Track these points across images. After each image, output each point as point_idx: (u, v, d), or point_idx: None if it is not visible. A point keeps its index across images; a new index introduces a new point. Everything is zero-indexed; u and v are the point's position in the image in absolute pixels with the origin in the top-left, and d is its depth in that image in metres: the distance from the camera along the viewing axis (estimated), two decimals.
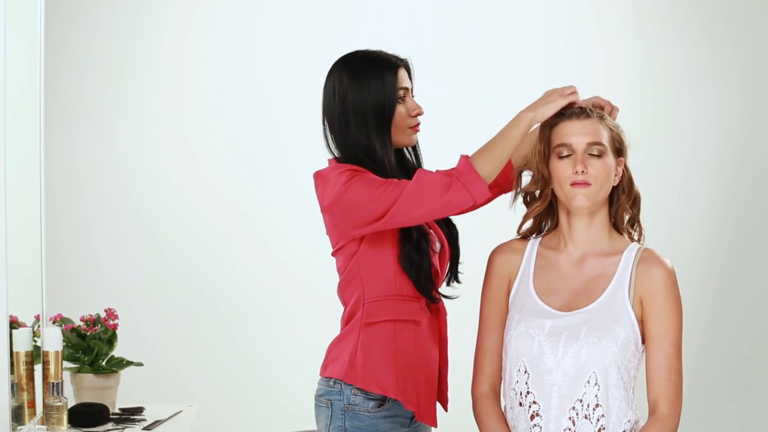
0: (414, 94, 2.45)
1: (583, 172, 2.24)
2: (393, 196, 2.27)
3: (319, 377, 2.44)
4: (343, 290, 2.43)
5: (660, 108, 4.36)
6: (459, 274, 2.49)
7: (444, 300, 2.47)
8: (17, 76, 2.73)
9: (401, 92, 2.39)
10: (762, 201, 4.34)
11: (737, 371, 4.35)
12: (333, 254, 2.45)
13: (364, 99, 2.36)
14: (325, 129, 2.44)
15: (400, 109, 2.39)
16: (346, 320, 2.43)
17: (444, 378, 2.50)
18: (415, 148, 2.50)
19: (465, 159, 2.29)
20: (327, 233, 2.44)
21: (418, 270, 2.36)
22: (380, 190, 2.29)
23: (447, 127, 4.07)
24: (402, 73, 2.41)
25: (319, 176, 2.40)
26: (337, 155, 2.43)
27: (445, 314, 2.49)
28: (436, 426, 2.48)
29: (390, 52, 2.43)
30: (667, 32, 4.35)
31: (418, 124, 2.43)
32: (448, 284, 2.48)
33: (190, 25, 4.24)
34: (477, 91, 4.29)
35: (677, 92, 4.36)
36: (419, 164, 2.50)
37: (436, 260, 2.42)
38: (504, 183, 2.49)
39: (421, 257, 2.36)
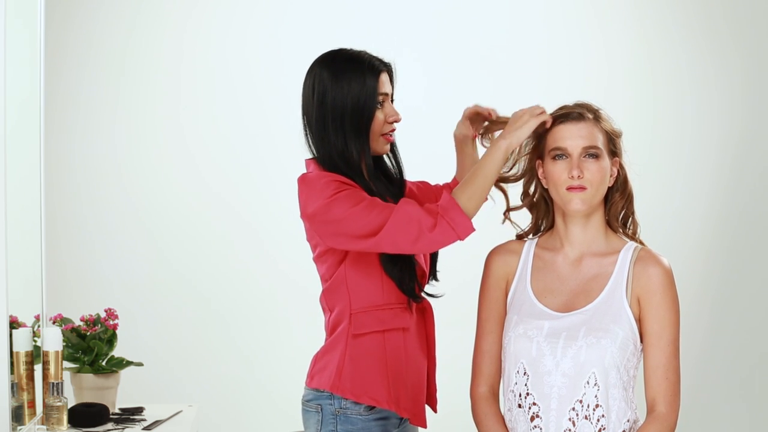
0: (393, 99, 2.40)
1: (579, 176, 2.23)
2: (379, 219, 2.23)
3: (305, 387, 2.42)
4: (328, 298, 2.39)
5: (661, 108, 4.36)
6: (437, 273, 2.46)
7: (432, 300, 2.45)
8: (19, 76, 2.73)
9: (381, 97, 2.34)
10: (763, 201, 4.34)
11: (741, 370, 4.35)
12: (314, 260, 2.40)
13: (344, 100, 2.31)
14: (304, 127, 2.39)
15: (378, 114, 2.35)
16: (331, 330, 2.40)
17: (432, 380, 2.49)
18: (395, 154, 2.45)
19: (448, 196, 2.25)
20: (307, 239, 2.39)
21: (401, 270, 2.32)
22: (366, 210, 2.24)
23: (449, 127, 4.07)
24: (384, 77, 2.35)
25: (304, 182, 2.34)
26: (314, 155, 2.38)
27: (432, 314, 2.47)
28: (426, 427, 2.47)
29: (374, 53, 2.37)
30: (669, 32, 4.35)
31: (393, 130, 2.39)
32: (427, 282, 2.45)
33: (189, 26, 4.24)
34: (480, 90, 4.28)
35: (679, 92, 4.36)
36: (400, 170, 2.47)
37: (421, 260, 2.40)
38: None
39: (402, 257, 2.32)
